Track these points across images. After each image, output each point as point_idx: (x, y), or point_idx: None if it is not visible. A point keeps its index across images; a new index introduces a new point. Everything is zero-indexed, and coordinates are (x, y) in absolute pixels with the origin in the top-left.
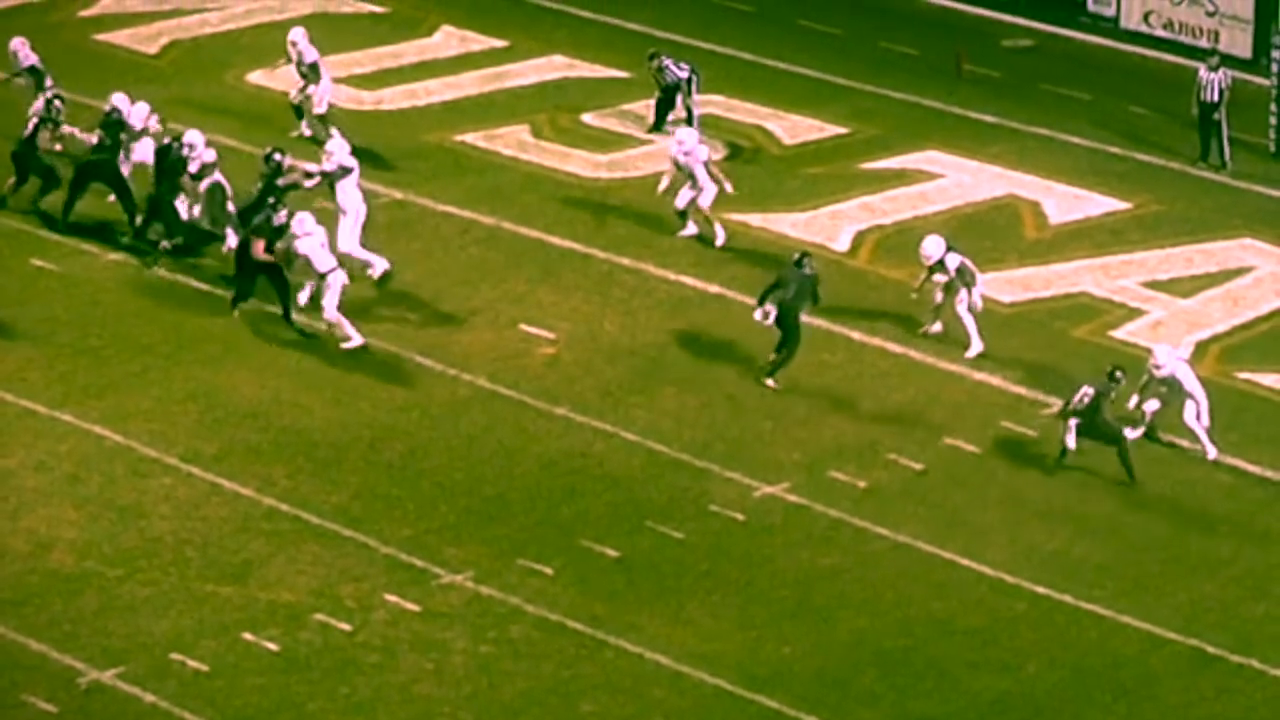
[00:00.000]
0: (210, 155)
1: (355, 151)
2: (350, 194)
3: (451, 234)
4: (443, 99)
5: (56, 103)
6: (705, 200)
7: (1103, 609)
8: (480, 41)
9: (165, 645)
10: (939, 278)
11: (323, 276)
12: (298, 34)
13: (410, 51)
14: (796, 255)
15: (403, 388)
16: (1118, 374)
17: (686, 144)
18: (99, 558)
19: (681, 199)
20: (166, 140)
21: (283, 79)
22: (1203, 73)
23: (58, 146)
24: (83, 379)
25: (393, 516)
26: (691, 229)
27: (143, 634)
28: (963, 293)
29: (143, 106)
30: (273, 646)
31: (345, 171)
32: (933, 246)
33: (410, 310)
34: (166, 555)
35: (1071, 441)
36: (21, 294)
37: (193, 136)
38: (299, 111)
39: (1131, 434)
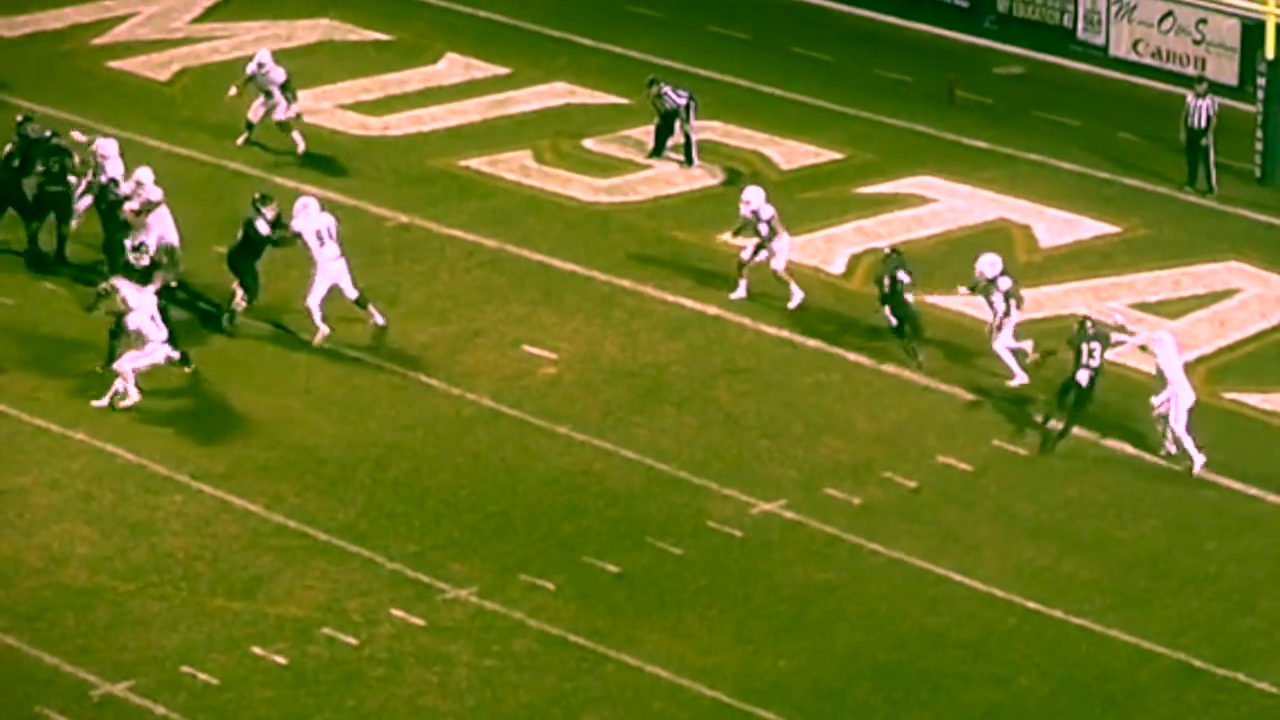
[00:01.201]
0: (156, 194)
1: (362, 177)
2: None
3: (456, 257)
4: (447, 125)
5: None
6: (778, 263)
7: (1092, 623)
8: (484, 69)
9: (176, 659)
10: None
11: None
12: (264, 55)
13: (415, 78)
14: (887, 249)
15: (408, 407)
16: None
17: (753, 203)
18: (111, 573)
19: (746, 252)
20: (104, 180)
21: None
22: (1190, 99)
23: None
24: (95, 398)
25: (398, 533)
26: (741, 292)
27: (154, 648)
28: (1006, 326)
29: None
30: (281, 660)
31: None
32: (988, 266)
33: (416, 331)
34: (177, 571)
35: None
36: (35, 316)
37: (143, 174)
38: (284, 126)
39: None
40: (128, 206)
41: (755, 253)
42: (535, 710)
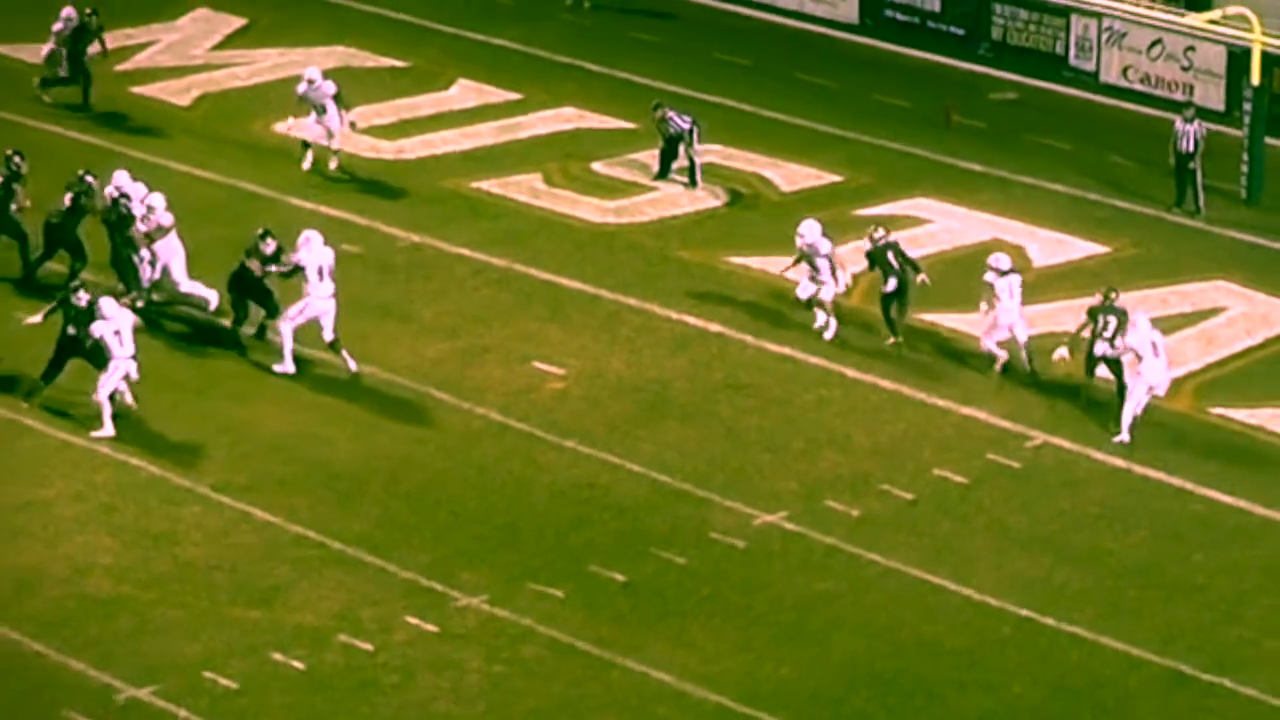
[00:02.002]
0: (167, 219)
1: (377, 198)
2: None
3: (466, 275)
4: (459, 148)
5: (16, 160)
6: (827, 294)
7: (1083, 631)
8: (495, 94)
9: (197, 664)
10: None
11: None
12: (314, 72)
13: (429, 104)
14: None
15: (420, 421)
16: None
17: (808, 236)
18: (134, 582)
19: (804, 290)
20: (115, 196)
21: (306, 130)
22: (1179, 124)
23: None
24: (118, 413)
25: (411, 543)
26: (821, 319)
27: (176, 654)
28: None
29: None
30: (299, 666)
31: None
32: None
33: (427, 347)
34: (198, 580)
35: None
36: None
37: (155, 199)
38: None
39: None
40: (137, 227)
41: (819, 289)
42: (544, 715)
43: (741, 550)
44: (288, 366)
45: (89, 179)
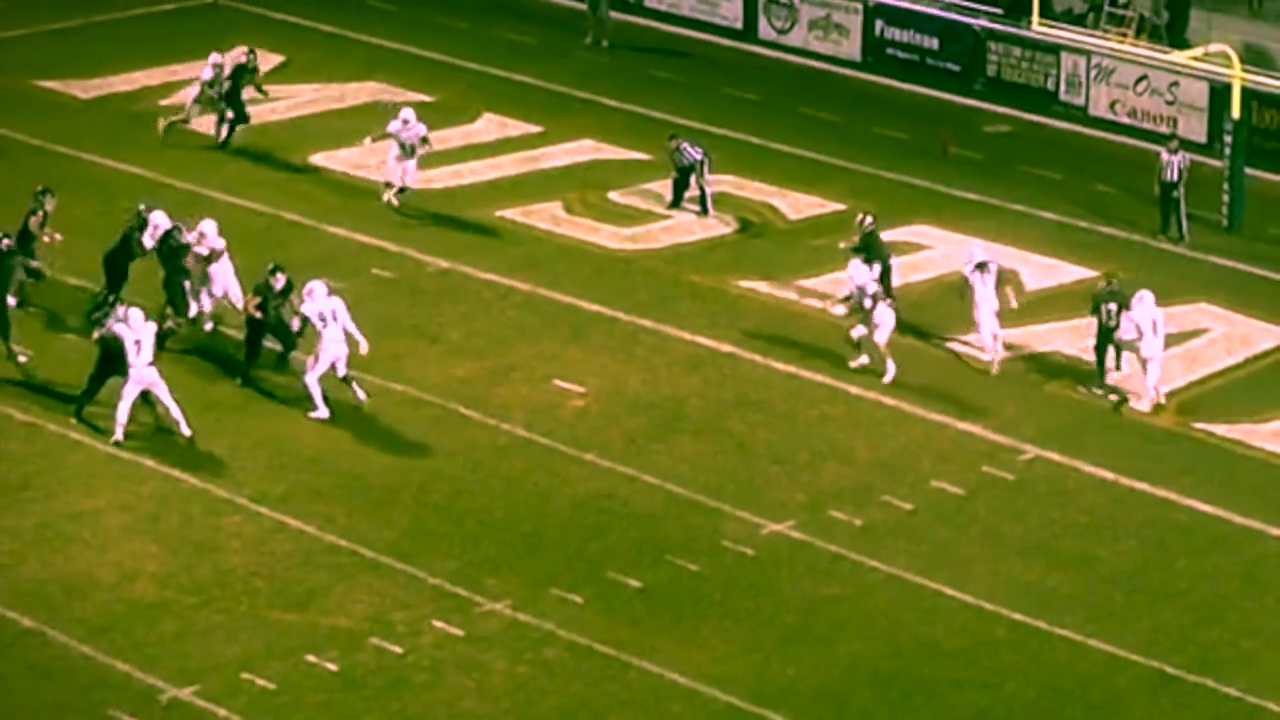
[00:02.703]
0: (220, 244)
1: (408, 226)
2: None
3: (492, 299)
4: (485, 178)
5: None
6: (880, 336)
7: (1073, 634)
8: (518, 127)
9: (237, 666)
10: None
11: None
12: (409, 113)
13: (456, 136)
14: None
15: (449, 436)
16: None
17: (857, 278)
18: (177, 588)
19: (856, 330)
20: (169, 227)
21: (343, 160)
22: (1164, 155)
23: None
24: (162, 429)
25: (439, 551)
26: (863, 359)
27: (216, 656)
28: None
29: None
30: (332, 667)
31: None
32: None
33: (455, 367)
34: (237, 586)
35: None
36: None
37: (208, 225)
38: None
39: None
40: (197, 250)
41: (870, 329)
42: (564, 713)
43: (751, 557)
44: (322, 413)
45: (149, 213)
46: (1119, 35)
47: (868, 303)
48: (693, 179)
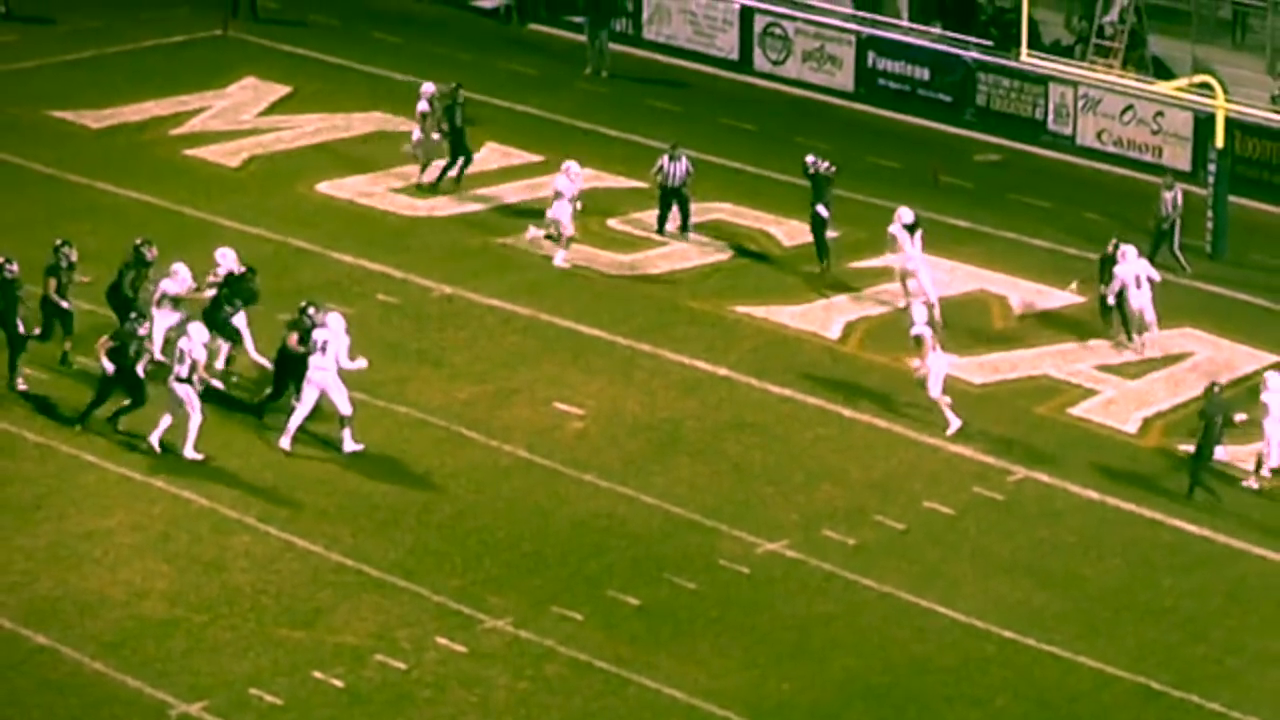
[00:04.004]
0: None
1: (413, 252)
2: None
3: (494, 323)
4: (487, 206)
5: (66, 250)
6: (933, 388)
7: (1061, 650)
8: (519, 156)
9: (245, 682)
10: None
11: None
12: (575, 166)
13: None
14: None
15: (452, 457)
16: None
17: (917, 326)
18: (187, 605)
19: (919, 372)
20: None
21: (349, 188)
22: (1163, 193)
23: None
24: (173, 450)
25: (443, 569)
26: (950, 416)
27: (225, 672)
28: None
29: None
30: (338, 683)
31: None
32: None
33: (458, 390)
34: (245, 603)
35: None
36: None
37: (226, 252)
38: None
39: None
40: (217, 272)
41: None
42: None
43: (746, 576)
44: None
45: (144, 249)
46: (1105, 66)
47: (921, 332)
48: (674, 201)
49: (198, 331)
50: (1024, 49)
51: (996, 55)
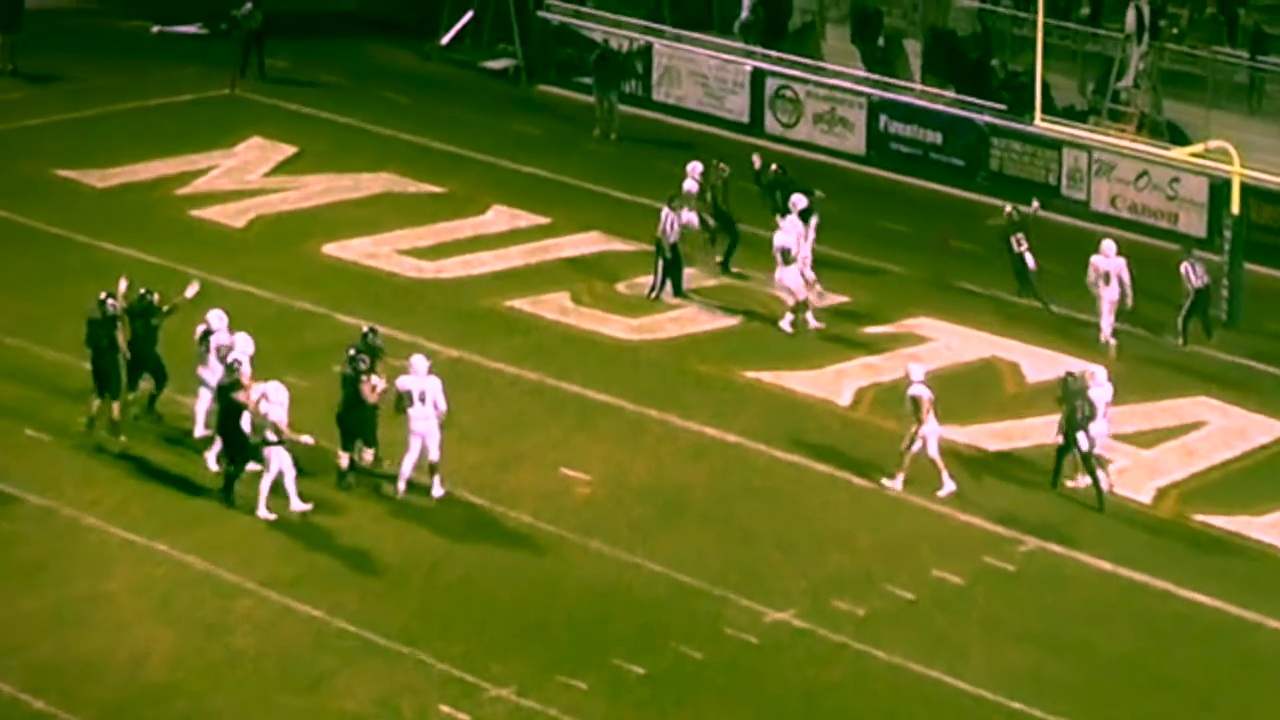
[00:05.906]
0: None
1: (419, 315)
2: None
3: (501, 387)
4: (494, 269)
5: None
6: (931, 449)
7: None
8: (527, 219)
9: None
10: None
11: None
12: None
13: (466, 227)
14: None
15: (458, 522)
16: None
17: (915, 386)
18: (188, 670)
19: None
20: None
21: (355, 250)
22: (1184, 266)
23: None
24: (176, 513)
25: (447, 635)
26: (949, 485)
27: None
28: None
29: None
30: None
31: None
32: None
33: (464, 454)
34: (248, 668)
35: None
36: (127, 439)
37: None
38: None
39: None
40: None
41: (911, 439)
42: None
43: (754, 645)
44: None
45: (109, 301)
46: (1119, 131)
47: (921, 414)
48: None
49: (276, 393)
50: (1038, 113)
51: (1010, 119)
